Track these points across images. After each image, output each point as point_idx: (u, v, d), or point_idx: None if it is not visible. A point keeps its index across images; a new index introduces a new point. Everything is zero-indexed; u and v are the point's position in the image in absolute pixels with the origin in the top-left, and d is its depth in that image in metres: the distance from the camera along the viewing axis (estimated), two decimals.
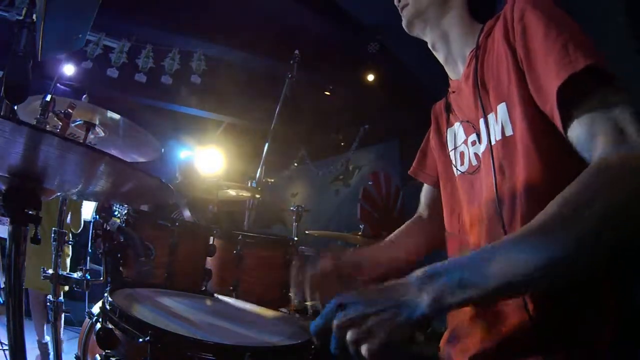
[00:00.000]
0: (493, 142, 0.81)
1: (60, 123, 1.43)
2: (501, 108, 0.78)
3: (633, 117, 0.59)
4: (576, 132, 0.64)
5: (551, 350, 0.70)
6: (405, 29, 0.99)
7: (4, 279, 0.86)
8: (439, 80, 1.07)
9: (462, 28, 0.93)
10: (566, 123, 0.65)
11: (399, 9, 0.98)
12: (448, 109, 1.00)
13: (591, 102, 0.63)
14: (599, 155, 0.59)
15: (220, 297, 1.34)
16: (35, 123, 1.10)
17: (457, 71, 0.96)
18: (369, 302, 0.59)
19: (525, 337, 0.71)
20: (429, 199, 1.16)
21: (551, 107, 0.67)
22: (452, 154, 0.98)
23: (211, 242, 1.64)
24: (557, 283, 0.55)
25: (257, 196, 2.41)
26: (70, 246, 2.89)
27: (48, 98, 1.24)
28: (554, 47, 0.67)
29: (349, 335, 0.57)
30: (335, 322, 0.58)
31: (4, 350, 2.22)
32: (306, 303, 1.63)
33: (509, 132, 0.77)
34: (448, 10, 0.93)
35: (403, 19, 0.97)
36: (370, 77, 4.80)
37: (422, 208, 1.18)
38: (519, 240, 0.56)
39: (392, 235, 1.17)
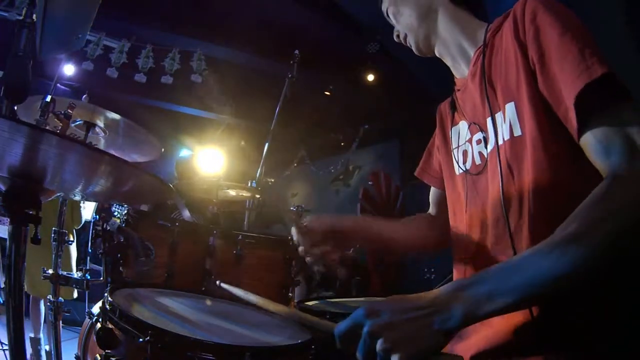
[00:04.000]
0: (500, 142, 0.80)
1: (61, 124, 1.42)
2: (509, 107, 0.78)
3: None
4: (591, 140, 0.65)
5: (553, 350, 0.70)
6: (421, 55, 1.00)
7: (4, 279, 0.86)
8: (439, 80, 1.06)
9: (457, 26, 0.93)
10: (582, 129, 0.66)
11: (402, 42, 1.01)
12: (453, 106, 0.99)
13: (608, 113, 0.64)
14: (614, 170, 0.62)
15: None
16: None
17: (461, 69, 0.95)
18: (401, 310, 0.58)
19: (528, 337, 0.71)
20: (436, 199, 1.16)
21: (565, 111, 0.67)
22: (454, 151, 0.97)
23: (211, 242, 1.64)
24: (568, 290, 0.59)
25: (257, 196, 2.41)
26: (70, 246, 2.87)
27: (48, 99, 1.24)
28: (570, 50, 0.67)
29: (379, 344, 0.55)
30: (365, 329, 0.57)
31: (4, 350, 2.22)
32: (307, 303, 1.63)
33: (517, 132, 0.76)
34: (434, 14, 0.94)
35: (413, 49, 1.00)
36: (370, 77, 4.80)
37: (431, 207, 1.19)
38: (541, 254, 0.58)
39: (404, 219, 1.18)
